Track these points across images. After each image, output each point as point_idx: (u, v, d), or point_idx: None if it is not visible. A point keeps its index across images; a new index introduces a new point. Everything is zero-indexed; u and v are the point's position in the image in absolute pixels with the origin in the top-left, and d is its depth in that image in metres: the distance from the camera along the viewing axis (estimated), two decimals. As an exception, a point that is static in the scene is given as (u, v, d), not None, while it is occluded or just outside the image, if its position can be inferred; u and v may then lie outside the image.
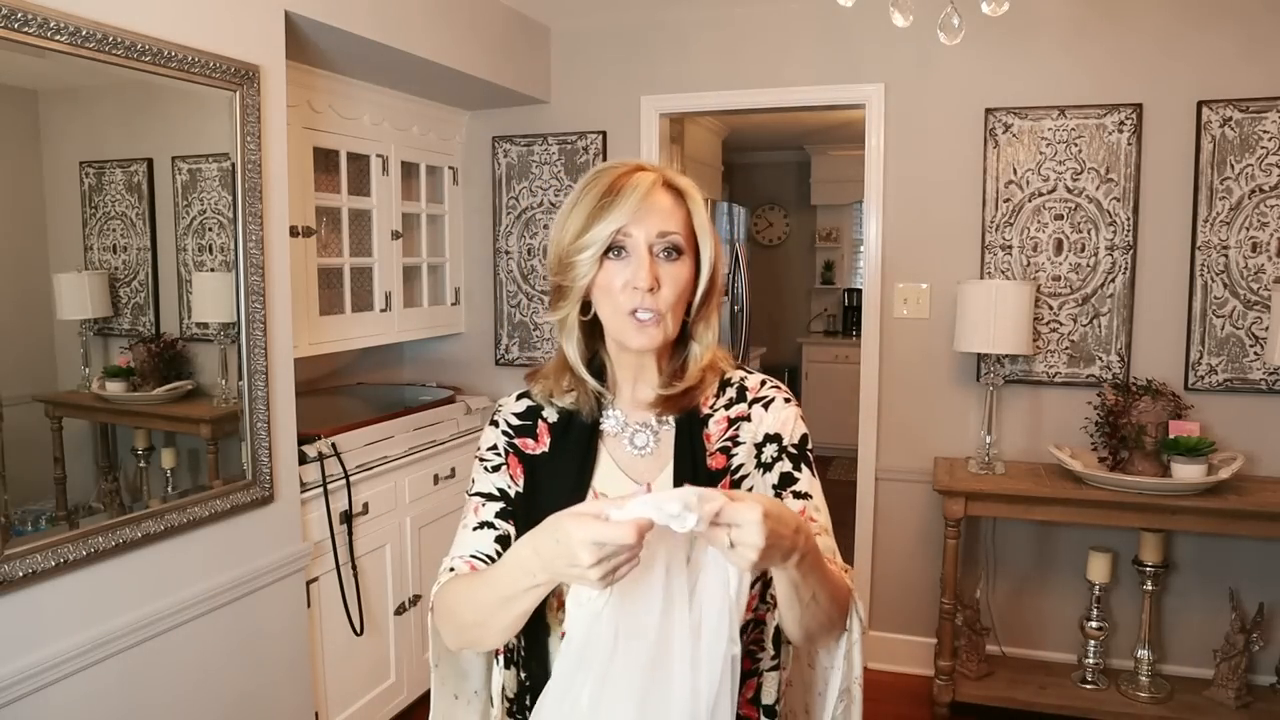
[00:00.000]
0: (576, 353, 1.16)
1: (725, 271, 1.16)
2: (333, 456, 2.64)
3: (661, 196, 1.10)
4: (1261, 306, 2.98)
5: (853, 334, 6.81)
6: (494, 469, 1.20)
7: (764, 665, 1.16)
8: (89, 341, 2.01)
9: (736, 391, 1.20)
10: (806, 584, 0.97)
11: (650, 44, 3.56)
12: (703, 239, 1.13)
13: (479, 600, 1.05)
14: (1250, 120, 2.94)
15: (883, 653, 3.47)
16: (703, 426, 1.16)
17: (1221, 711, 2.88)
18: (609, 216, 1.07)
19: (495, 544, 1.16)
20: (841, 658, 1.10)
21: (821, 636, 1.07)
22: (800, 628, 1.03)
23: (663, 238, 1.09)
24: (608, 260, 1.09)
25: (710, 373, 1.18)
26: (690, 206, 1.12)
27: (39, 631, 1.76)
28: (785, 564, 0.93)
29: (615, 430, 1.18)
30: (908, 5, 2.12)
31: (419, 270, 3.66)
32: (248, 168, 2.21)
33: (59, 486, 1.91)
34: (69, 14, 1.74)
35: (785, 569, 0.94)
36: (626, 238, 1.08)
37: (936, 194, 3.29)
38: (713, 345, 1.18)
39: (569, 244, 1.10)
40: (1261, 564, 3.04)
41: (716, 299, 1.16)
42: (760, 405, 1.18)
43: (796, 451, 1.17)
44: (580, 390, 1.17)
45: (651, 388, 1.16)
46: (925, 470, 3.32)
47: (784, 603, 1.00)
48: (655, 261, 1.08)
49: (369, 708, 2.82)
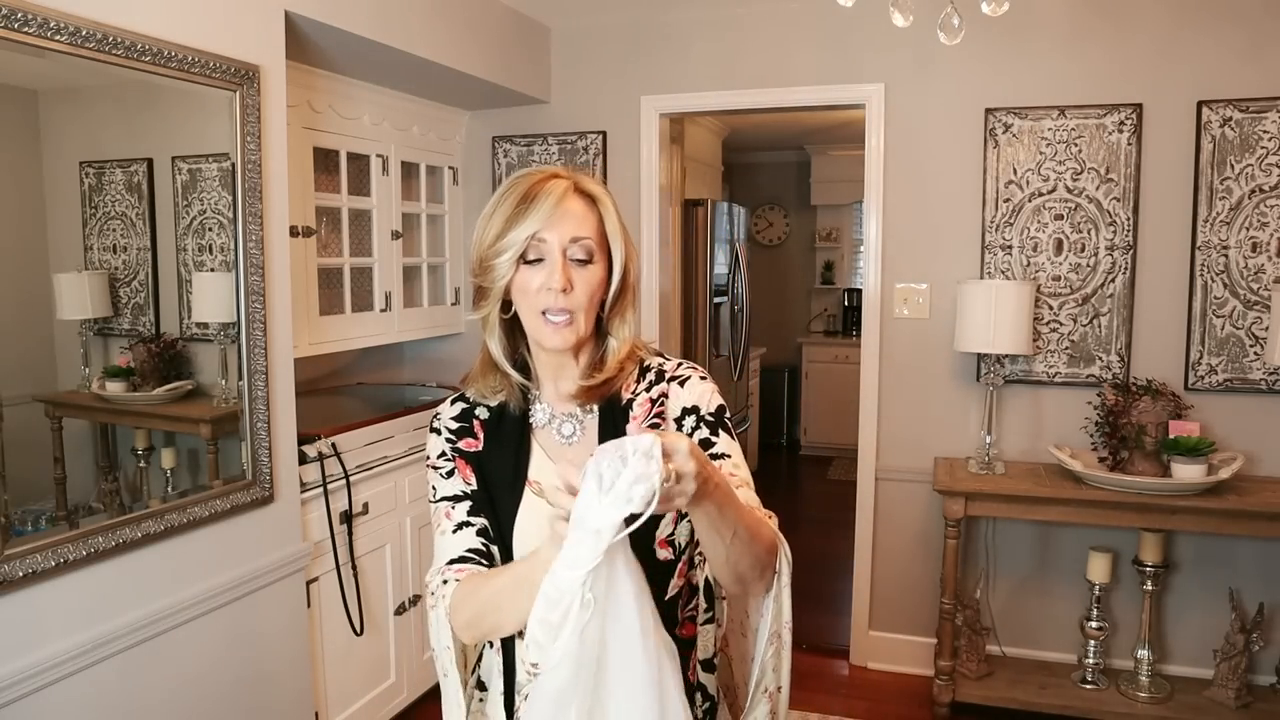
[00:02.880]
0: (500, 349, 1.23)
1: (637, 270, 1.27)
2: (333, 456, 2.64)
3: (574, 203, 1.16)
4: (1261, 306, 2.98)
5: (853, 334, 6.82)
6: (448, 475, 1.25)
7: (699, 619, 1.20)
8: (89, 341, 2.01)
9: (656, 374, 1.26)
10: (725, 517, 0.99)
11: (650, 44, 3.56)
12: (614, 242, 1.20)
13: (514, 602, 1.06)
14: (1250, 120, 2.94)
15: (883, 653, 3.47)
16: (627, 410, 1.23)
17: (1221, 711, 2.89)
18: (524, 222, 1.13)
19: (479, 538, 1.21)
20: (771, 600, 1.13)
21: (753, 579, 1.09)
22: (729, 568, 1.05)
23: (575, 242, 1.15)
24: (524, 264, 1.15)
25: (629, 362, 1.25)
26: (602, 212, 1.19)
27: (39, 631, 1.76)
28: (701, 500, 0.95)
29: (543, 422, 1.26)
30: (908, 5, 2.12)
31: (419, 270, 3.66)
32: (248, 168, 2.21)
33: (59, 486, 1.91)
34: (69, 14, 1.74)
35: (702, 501, 0.96)
36: (541, 242, 1.14)
37: (936, 194, 3.29)
38: (629, 339, 1.25)
39: (488, 247, 1.16)
40: (1261, 564, 3.04)
41: (630, 296, 1.24)
42: (677, 383, 1.25)
43: (714, 419, 1.23)
44: (506, 386, 1.25)
45: (573, 380, 1.23)
46: (925, 470, 3.32)
47: (708, 543, 1.03)
48: (568, 265, 1.15)
49: (369, 708, 2.82)
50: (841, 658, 3.54)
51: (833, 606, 3.83)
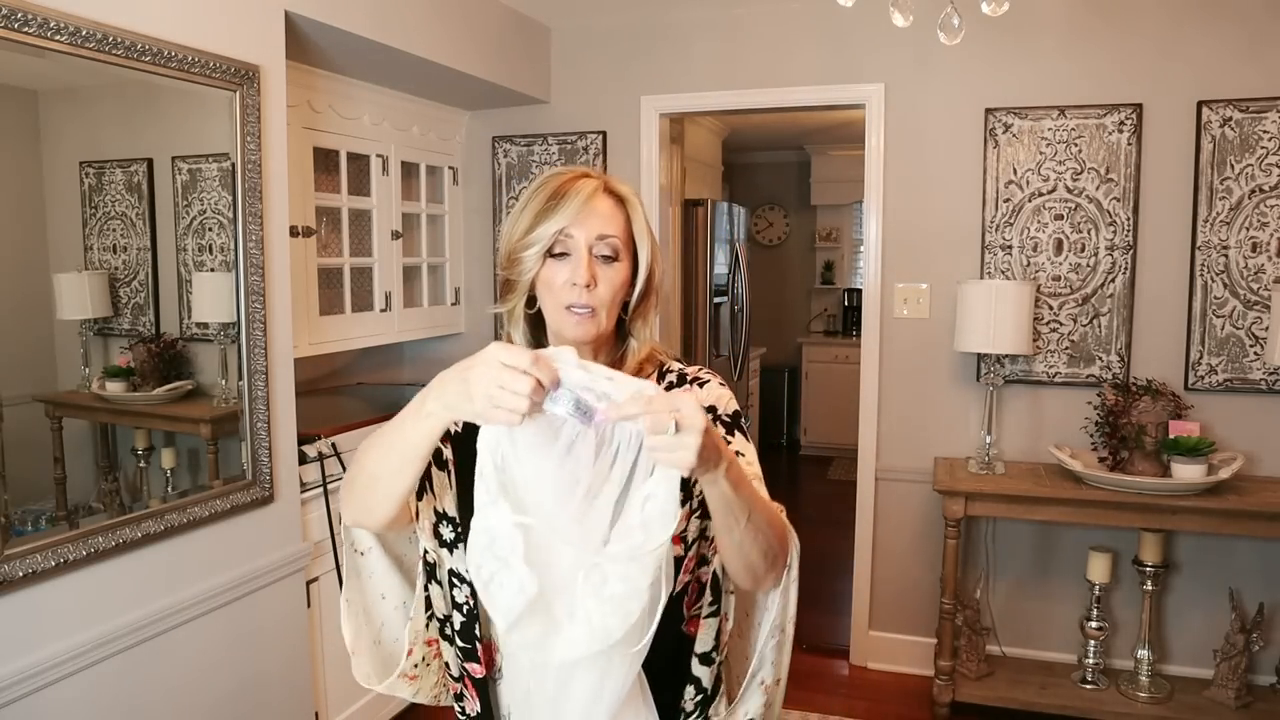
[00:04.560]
0: (523, 342, 1.25)
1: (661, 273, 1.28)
2: (333, 456, 2.64)
3: (602, 202, 1.18)
4: (1261, 306, 2.98)
5: (853, 334, 6.82)
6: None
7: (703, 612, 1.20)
8: (89, 341, 2.01)
9: (676, 377, 1.27)
10: (739, 497, 1.01)
11: (650, 44, 3.56)
12: (640, 243, 1.21)
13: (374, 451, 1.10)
14: (1250, 120, 2.94)
15: (883, 653, 3.47)
16: None
17: (1221, 711, 2.89)
18: (553, 218, 1.15)
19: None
20: (779, 593, 1.14)
21: (764, 570, 1.10)
22: (742, 556, 1.07)
23: (601, 240, 1.16)
24: (550, 259, 1.17)
25: (648, 364, 1.26)
26: (630, 212, 1.21)
27: (39, 631, 1.76)
28: (716, 470, 0.97)
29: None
30: (908, 5, 2.12)
31: (419, 270, 3.66)
32: (248, 168, 2.21)
33: (59, 486, 1.91)
34: (69, 14, 1.74)
35: (716, 479, 0.98)
36: (568, 238, 1.16)
37: (936, 194, 3.29)
38: (650, 340, 1.26)
39: (516, 241, 1.18)
40: (1261, 564, 3.04)
41: (653, 299, 1.25)
42: (696, 384, 1.26)
43: (731, 420, 1.23)
44: None
45: None
46: (925, 470, 3.32)
47: (721, 527, 1.05)
48: (594, 261, 1.16)
49: (369, 708, 2.82)
50: (841, 658, 3.54)
51: (833, 606, 3.83)
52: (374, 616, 1.30)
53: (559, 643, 0.99)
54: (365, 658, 1.28)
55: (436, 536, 1.20)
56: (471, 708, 1.24)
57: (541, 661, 1.06)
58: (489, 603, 1.00)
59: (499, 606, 0.99)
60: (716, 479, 0.98)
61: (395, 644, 1.30)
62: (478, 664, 1.21)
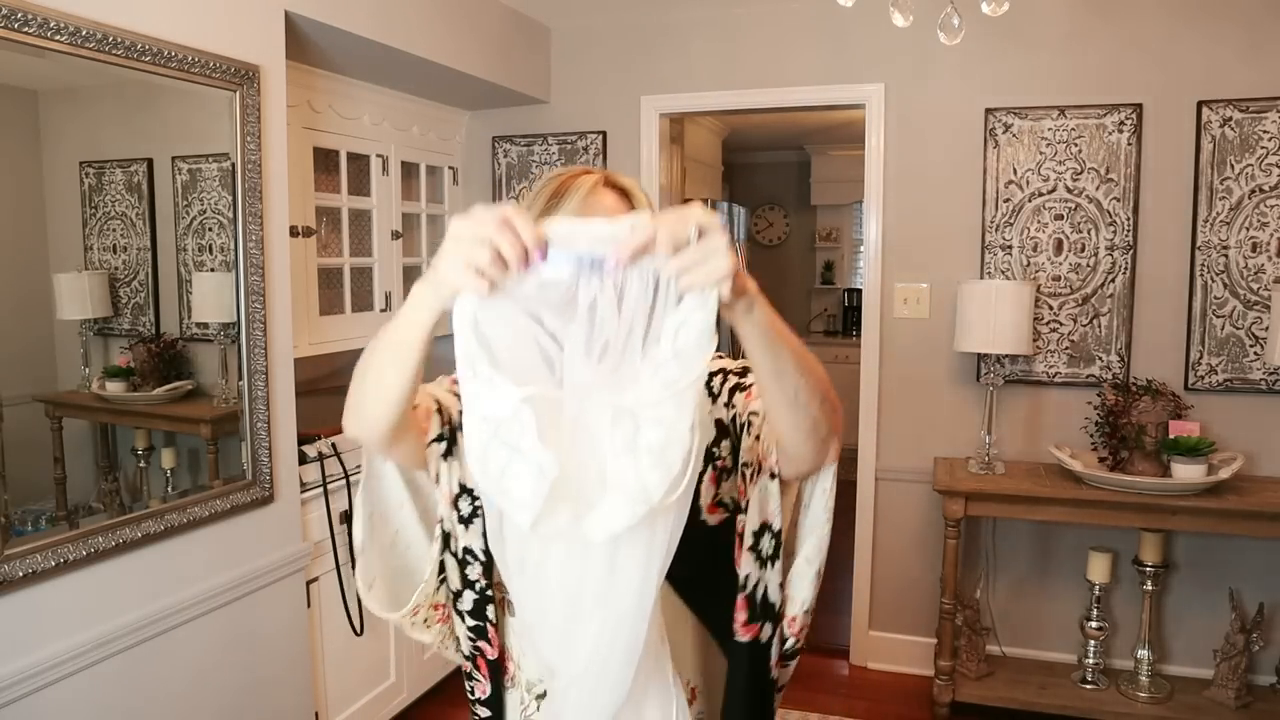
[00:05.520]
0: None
1: None
2: (333, 456, 2.64)
3: (605, 195, 1.18)
4: (1261, 306, 2.98)
5: (853, 334, 6.81)
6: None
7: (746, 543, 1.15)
8: (89, 341, 2.01)
9: None
10: (780, 334, 0.94)
11: (650, 44, 3.56)
12: None
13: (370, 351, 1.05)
14: (1250, 120, 2.94)
15: (883, 652, 3.47)
16: None
17: (1221, 711, 2.88)
18: (555, 215, 1.15)
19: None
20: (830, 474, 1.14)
21: (827, 430, 1.03)
22: (798, 410, 0.99)
23: None
24: None
25: None
26: (634, 204, 1.20)
27: (39, 631, 1.76)
28: (748, 293, 0.89)
29: None
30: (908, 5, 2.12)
31: (419, 270, 3.65)
32: (248, 168, 2.21)
33: (59, 486, 1.91)
34: (69, 14, 1.74)
35: (751, 305, 0.90)
36: None
37: (936, 194, 3.29)
38: None
39: None
40: (1261, 564, 3.04)
41: None
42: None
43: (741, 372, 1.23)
44: None
45: None
46: (925, 470, 3.32)
47: (768, 374, 0.97)
48: None
49: (369, 708, 2.82)
50: (841, 658, 3.54)
51: (833, 606, 3.82)
52: (390, 520, 1.25)
53: (595, 519, 0.88)
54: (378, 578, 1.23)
55: (455, 509, 1.18)
56: (481, 690, 1.23)
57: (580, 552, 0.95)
58: (505, 501, 0.90)
59: (518, 500, 0.89)
60: (751, 305, 0.89)
61: (408, 552, 1.25)
62: (489, 644, 1.20)
